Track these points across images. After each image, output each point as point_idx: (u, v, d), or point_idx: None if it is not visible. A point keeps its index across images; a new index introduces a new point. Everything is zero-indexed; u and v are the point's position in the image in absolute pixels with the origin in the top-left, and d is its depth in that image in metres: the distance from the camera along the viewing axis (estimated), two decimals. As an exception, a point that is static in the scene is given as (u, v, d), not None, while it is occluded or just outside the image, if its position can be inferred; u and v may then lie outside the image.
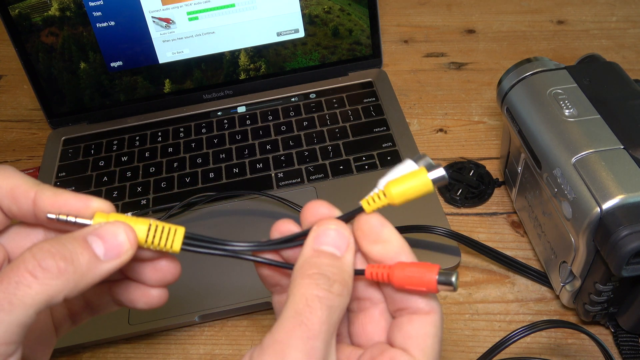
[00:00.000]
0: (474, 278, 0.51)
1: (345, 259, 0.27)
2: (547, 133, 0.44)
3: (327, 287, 0.25)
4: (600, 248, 0.38)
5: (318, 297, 0.25)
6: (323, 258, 0.27)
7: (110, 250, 0.25)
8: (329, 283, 0.26)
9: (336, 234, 0.28)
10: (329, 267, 0.26)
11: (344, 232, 0.28)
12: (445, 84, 0.70)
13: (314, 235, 0.28)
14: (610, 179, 0.39)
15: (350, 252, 0.28)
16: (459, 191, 0.57)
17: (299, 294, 0.25)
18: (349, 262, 0.27)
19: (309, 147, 0.62)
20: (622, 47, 0.72)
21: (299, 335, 0.24)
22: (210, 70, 0.67)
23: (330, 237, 0.27)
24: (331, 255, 0.27)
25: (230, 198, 0.58)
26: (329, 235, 0.27)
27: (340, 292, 0.26)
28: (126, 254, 0.26)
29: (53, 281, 0.23)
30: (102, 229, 0.25)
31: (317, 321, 0.24)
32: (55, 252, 0.24)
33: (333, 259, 0.27)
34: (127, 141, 0.65)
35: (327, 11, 0.66)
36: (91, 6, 0.62)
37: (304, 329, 0.24)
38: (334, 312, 0.25)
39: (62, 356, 0.49)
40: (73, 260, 0.24)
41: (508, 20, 0.78)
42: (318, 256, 0.27)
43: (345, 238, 0.28)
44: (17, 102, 0.75)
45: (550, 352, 0.46)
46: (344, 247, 0.27)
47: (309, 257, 0.27)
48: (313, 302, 0.25)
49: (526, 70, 0.49)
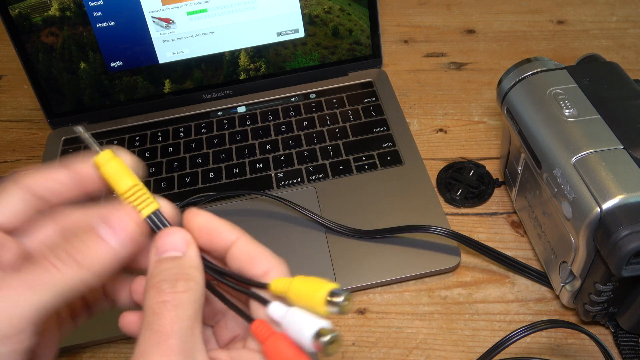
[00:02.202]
0: (474, 278, 0.51)
1: (187, 256, 0.28)
2: (547, 133, 0.44)
3: (171, 289, 0.26)
4: (600, 248, 0.38)
5: (163, 302, 0.26)
6: (164, 264, 0.27)
7: (122, 240, 0.27)
8: (171, 284, 0.26)
9: (172, 237, 0.28)
10: (169, 271, 0.27)
11: (179, 233, 0.29)
12: (445, 84, 0.70)
13: (153, 250, 0.28)
14: (610, 179, 0.39)
15: (192, 247, 0.28)
16: (459, 191, 0.57)
17: (146, 307, 0.26)
18: (191, 257, 0.28)
19: (309, 147, 0.62)
20: (622, 47, 0.72)
21: (152, 343, 0.25)
22: (210, 70, 0.67)
23: (167, 243, 0.28)
24: (171, 259, 0.28)
25: (230, 198, 0.58)
26: (165, 242, 0.28)
27: (185, 288, 0.26)
28: (136, 241, 0.28)
29: (72, 272, 0.26)
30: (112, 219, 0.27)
31: (167, 324, 0.25)
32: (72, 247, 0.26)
33: (174, 261, 0.28)
34: (127, 141, 0.65)
35: (327, 11, 0.66)
36: (91, 6, 0.62)
37: (156, 335, 0.25)
38: (184, 308, 0.26)
39: (62, 356, 0.49)
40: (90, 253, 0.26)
41: (508, 20, 0.78)
42: (159, 265, 0.28)
43: (182, 237, 0.28)
44: (17, 102, 0.75)
45: (550, 352, 0.46)
46: (183, 245, 0.28)
47: (152, 269, 0.28)
48: (159, 308, 0.26)
49: (526, 70, 0.49)
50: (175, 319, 0.25)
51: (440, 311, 0.49)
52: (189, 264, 0.28)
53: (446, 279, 0.51)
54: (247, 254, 0.29)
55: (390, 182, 0.57)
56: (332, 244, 0.53)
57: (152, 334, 0.25)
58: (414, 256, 0.51)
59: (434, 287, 0.51)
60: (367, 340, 0.48)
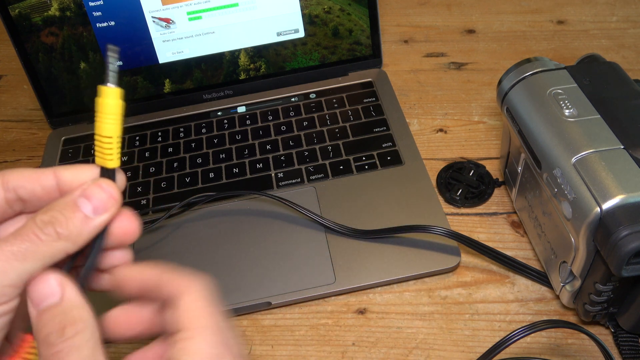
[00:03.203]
0: (474, 278, 0.51)
1: (66, 298, 0.27)
2: (547, 133, 0.44)
3: (59, 339, 0.26)
4: (600, 248, 0.38)
5: (56, 353, 0.26)
6: (45, 316, 0.27)
7: (98, 208, 0.28)
8: (59, 334, 0.26)
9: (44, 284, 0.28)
10: (52, 320, 0.27)
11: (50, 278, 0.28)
12: (445, 84, 0.70)
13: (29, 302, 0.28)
14: (610, 179, 0.39)
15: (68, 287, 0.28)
16: (459, 191, 0.57)
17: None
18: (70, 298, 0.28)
19: (309, 147, 0.62)
20: (622, 47, 0.72)
21: None
22: (210, 70, 0.67)
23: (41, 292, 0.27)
24: (51, 307, 0.27)
25: (230, 198, 0.58)
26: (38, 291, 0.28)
27: (73, 332, 0.26)
28: (112, 208, 0.29)
29: (55, 243, 0.27)
30: (88, 190, 0.29)
31: None
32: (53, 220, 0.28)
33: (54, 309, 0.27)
34: (127, 141, 0.65)
35: (327, 11, 0.66)
36: (91, 6, 0.62)
37: None
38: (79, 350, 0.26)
39: (62, 356, 0.49)
40: (68, 225, 0.28)
41: (508, 20, 0.78)
42: (41, 319, 0.27)
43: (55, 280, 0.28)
44: (17, 102, 0.75)
45: (550, 352, 0.46)
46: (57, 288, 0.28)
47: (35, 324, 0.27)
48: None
49: (526, 70, 0.49)
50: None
51: (440, 311, 0.49)
52: (70, 305, 0.27)
53: (446, 279, 0.51)
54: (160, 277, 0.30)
55: (390, 182, 0.57)
56: (332, 244, 0.53)
57: None
58: (414, 256, 0.51)
59: (434, 287, 0.51)
60: (367, 340, 0.48)
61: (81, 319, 0.27)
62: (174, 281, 0.29)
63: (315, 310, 0.50)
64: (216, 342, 0.28)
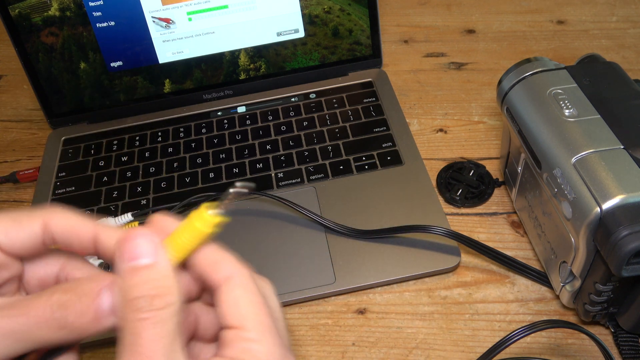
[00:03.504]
0: (474, 278, 0.51)
1: (159, 264, 0.26)
2: (547, 133, 0.44)
3: (148, 307, 0.25)
4: (600, 248, 0.38)
5: (141, 320, 0.25)
6: (136, 277, 0.26)
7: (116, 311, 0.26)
8: (148, 302, 0.25)
9: (139, 241, 0.27)
10: (145, 285, 0.26)
11: (147, 236, 0.27)
12: (445, 84, 0.70)
13: (118, 255, 0.27)
14: (610, 179, 0.39)
15: (161, 252, 0.27)
16: (459, 191, 0.57)
17: (125, 328, 0.25)
18: (163, 265, 0.26)
19: (309, 147, 0.62)
20: (622, 47, 0.72)
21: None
22: (210, 70, 0.67)
23: (137, 249, 0.26)
24: (144, 268, 0.26)
25: (230, 198, 0.58)
26: (134, 247, 0.26)
27: (162, 304, 0.25)
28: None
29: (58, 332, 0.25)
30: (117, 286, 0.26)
31: (148, 344, 0.24)
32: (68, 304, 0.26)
33: (147, 272, 0.26)
34: (127, 141, 0.65)
35: (327, 11, 0.66)
36: (91, 6, 0.62)
37: (138, 357, 0.24)
38: (163, 325, 0.25)
39: (62, 356, 0.49)
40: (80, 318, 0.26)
41: (508, 20, 0.78)
42: (130, 277, 0.26)
43: (151, 241, 0.27)
44: (17, 102, 0.75)
45: (550, 352, 0.46)
46: (153, 250, 0.27)
47: (123, 281, 0.26)
48: (138, 328, 0.25)
49: (526, 70, 0.49)
50: (156, 338, 0.25)
51: (440, 311, 0.49)
52: (162, 274, 0.26)
53: (446, 279, 0.51)
54: (207, 261, 0.28)
55: (390, 182, 0.57)
56: (332, 244, 0.53)
57: (132, 356, 0.24)
58: (414, 256, 0.51)
59: (434, 287, 0.51)
60: (367, 340, 0.48)
61: (171, 292, 0.26)
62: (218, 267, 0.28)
63: (315, 310, 0.50)
64: (279, 344, 0.27)
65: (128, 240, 0.27)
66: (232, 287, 0.27)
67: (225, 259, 0.28)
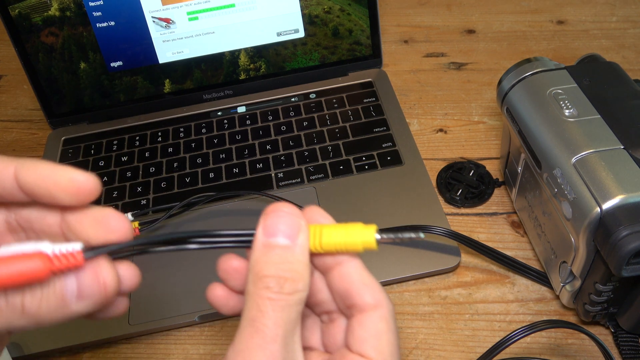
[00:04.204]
0: (474, 278, 0.51)
1: (297, 248, 0.26)
2: (547, 133, 0.44)
3: (279, 288, 0.25)
4: (600, 248, 0.38)
5: (270, 299, 0.25)
6: (272, 255, 0.26)
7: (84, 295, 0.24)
8: (280, 283, 0.25)
9: (285, 220, 0.26)
10: (278, 265, 0.25)
11: (292, 216, 0.26)
12: (445, 84, 0.70)
13: (262, 226, 0.26)
14: (610, 179, 0.39)
15: (302, 236, 0.26)
16: (459, 191, 0.57)
17: (251, 300, 0.25)
18: (301, 250, 0.26)
19: (309, 147, 0.62)
20: (622, 47, 0.72)
21: (256, 343, 0.24)
22: (210, 70, 0.67)
23: (280, 226, 0.26)
24: (281, 248, 0.26)
25: (230, 198, 0.58)
26: (277, 224, 0.26)
27: (292, 289, 0.25)
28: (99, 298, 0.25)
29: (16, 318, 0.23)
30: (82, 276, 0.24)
31: (272, 325, 0.24)
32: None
33: (283, 253, 0.26)
34: (127, 141, 0.65)
35: (327, 11, 0.66)
36: (91, 6, 0.62)
37: (261, 335, 0.24)
38: (289, 310, 0.25)
39: (62, 356, 0.49)
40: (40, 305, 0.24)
41: (508, 20, 0.78)
42: (267, 252, 0.26)
43: (295, 223, 0.26)
44: (17, 102, 0.75)
45: (550, 352, 0.46)
46: (295, 232, 0.26)
47: (259, 255, 0.26)
48: (265, 306, 0.25)
49: (526, 70, 0.49)
50: (280, 322, 0.24)
51: (440, 311, 0.49)
52: (299, 258, 0.26)
53: (446, 279, 0.51)
54: (360, 279, 0.28)
55: (390, 182, 0.57)
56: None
57: (255, 333, 0.24)
58: (414, 256, 0.51)
59: (434, 287, 0.51)
60: (367, 340, 0.48)
61: (303, 279, 0.26)
62: (369, 290, 0.28)
63: (315, 310, 0.50)
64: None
65: (272, 214, 0.26)
66: (379, 319, 0.27)
67: (376, 285, 0.28)
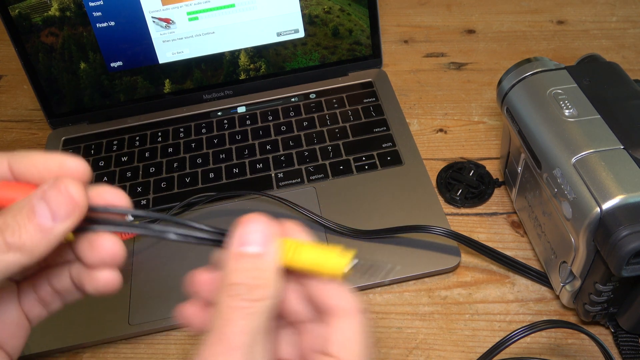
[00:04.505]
0: (474, 278, 0.51)
1: (267, 256, 0.26)
2: (547, 133, 0.44)
3: (247, 296, 0.25)
4: (600, 248, 0.38)
5: (237, 308, 0.25)
6: (243, 262, 0.26)
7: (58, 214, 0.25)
8: (248, 290, 0.25)
9: (257, 229, 0.27)
10: (248, 273, 0.26)
11: (265, 226, 0.27)
12: (445, 84, 0.70)
13: (235, 236, 0.27)
14: (610, 179, 0.39)
15: (274, 245, 0.27)
16: (459, 191, 0.57)
17: (219, 308, 0.25)
18: (272, 258, 0.26)
19: (309, 147, 0.62)
20: (622, 47, 0.72)
21: (219, 351, 0.24)
22: (210, 70, 0.67)
23: (251, 235, 0.26)
24: (251, 256, 0.26)
25: (230, 198, 0.58)
26: (249, 233, 0.27)
27: (261, 296, 0.25)
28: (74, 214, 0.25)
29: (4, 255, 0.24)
30: (48, 193, 0.25)
31: (237, 332, 0.24)
32: (3, 227, 0.24)
33: (254, 260, 0.26)
34: (127, 141, 0.65)
35: (327, 11, 0.66)
36: (91, 6, 0.62)
37: (225, 343, 0.24)
38: (257, 318, 0.25)
39: (62, 356, 0.49)
40: (21, 235, 0.24)
41: (508, 20, 0.78)
42: (237, 261, 0.26)
43: (268, 232, 0.27)
44: (17, 102, 0.75)
45: (550, 352, 0.46)
46: (266, 241, 0.27)
47: (230, 264, 0.26)
48: (232, 314, 0.25)
49: (526, 71, 0.49)
50: (246, 329, 0.25)
51: (440, 311, 0.49)
52: (268, 266, 0.26)
53: (446, 279, 0.51)
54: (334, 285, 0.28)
55: (390, 182, 0.57)
56: (332, 244, 0.53)
57: (219, 341, 0.24)
58: (413, 256, 0.51)
59: (434, 287, 0.51)
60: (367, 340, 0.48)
61: (272, 286, 0.26)
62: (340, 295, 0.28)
63: (315, 310, 0.50)
64: None
65: (245, 224, 0.27)
66: (350, 324, 0.28)
67: (346, 291, 0.28)
